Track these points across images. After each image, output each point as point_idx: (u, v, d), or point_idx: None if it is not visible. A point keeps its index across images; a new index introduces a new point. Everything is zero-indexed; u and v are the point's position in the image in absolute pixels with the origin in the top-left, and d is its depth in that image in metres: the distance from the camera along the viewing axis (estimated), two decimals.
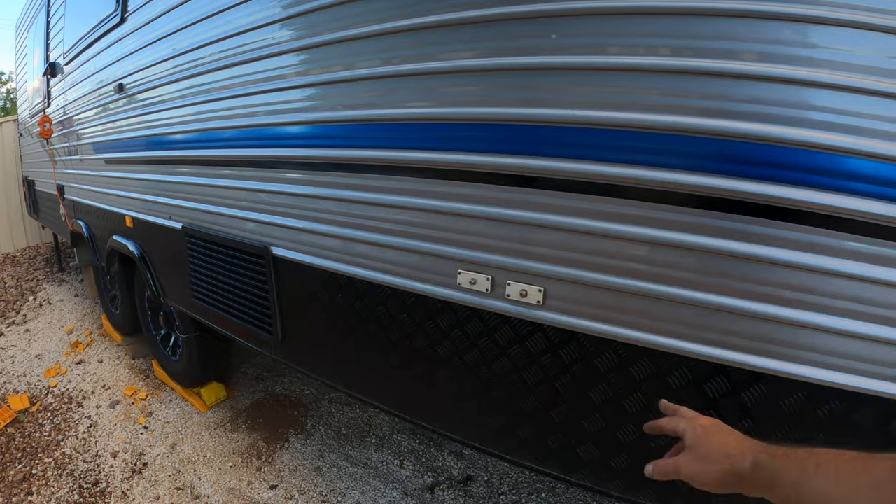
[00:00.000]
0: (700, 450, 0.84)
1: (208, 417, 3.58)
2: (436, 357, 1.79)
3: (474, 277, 1.62)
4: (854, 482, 0.62)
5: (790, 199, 1.20)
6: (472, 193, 1.57)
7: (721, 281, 1.29)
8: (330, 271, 1.99)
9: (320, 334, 2.18)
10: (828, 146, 1.16)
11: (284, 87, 2.08)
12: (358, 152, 1.82)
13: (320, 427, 3.44)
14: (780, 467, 0.71)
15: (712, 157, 1.25)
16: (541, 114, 1.42)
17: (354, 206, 1.86)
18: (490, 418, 1.77)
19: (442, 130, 1.60)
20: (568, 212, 1.42)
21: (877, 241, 1.17)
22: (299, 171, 2.07)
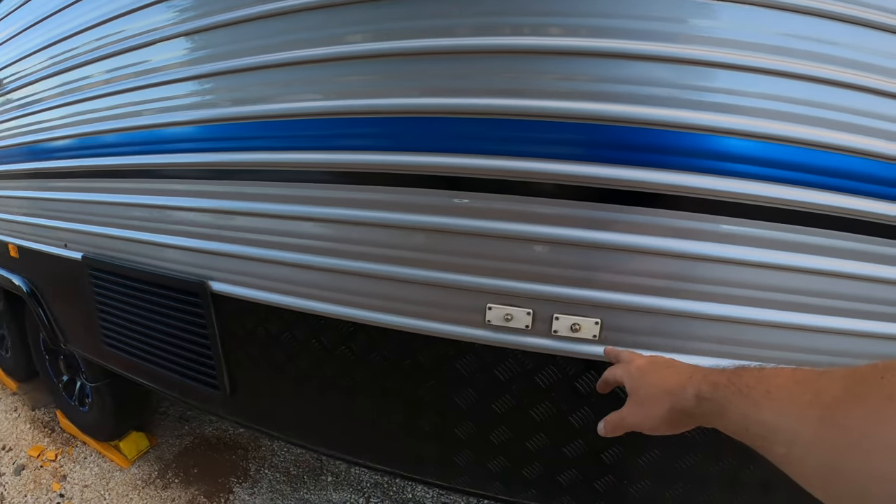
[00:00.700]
0: (639, 393, 0.82)
1: (133, 474, 3.00)
2: (455, 409, 1.47)
3: (510, 312, 1.29)
4: (803, 410, 0.53)
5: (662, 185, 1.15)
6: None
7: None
8: (297, 311, 1.57)
9: (284, 386, 1.77)
10: (692, 125, 1.12)
11: (176, 78, 1.66)
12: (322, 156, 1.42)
13: (266, 470, 2.97)
14: (724, 397, 0.64)
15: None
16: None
17: (336, 227, 1.45)
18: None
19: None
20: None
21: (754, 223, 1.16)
22: (242, 181, 1.62)
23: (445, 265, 1.30)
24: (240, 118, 1.52)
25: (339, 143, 1.36)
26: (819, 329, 1.24)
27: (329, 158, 1.37)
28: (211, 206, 1.66)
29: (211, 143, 1.61)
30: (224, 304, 1.75)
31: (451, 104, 1.22)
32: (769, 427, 0.56)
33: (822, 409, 0.51)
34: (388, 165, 1.30)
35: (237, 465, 3.02)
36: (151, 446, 3.18)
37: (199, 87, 1.63)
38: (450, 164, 1.24)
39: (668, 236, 1.18)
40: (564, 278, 1.24)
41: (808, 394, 0.53)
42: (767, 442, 0.56)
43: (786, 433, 0.53)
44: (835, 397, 0.50)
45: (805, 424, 0.52)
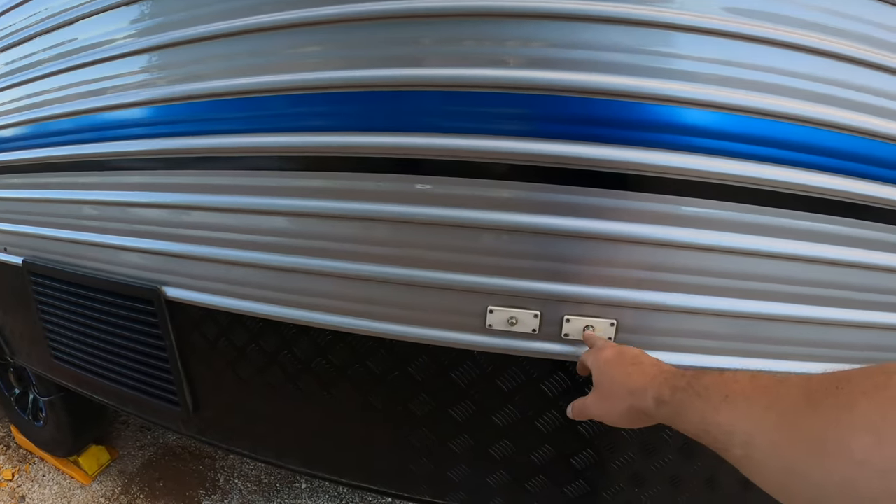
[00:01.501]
0: (603, 386, 0.85)
1: (95, 491, 2.74)
2: (450, 424, 1.29)
3: (515, 315, 1.11)
4: (760, 415, 0.53)
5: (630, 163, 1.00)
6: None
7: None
8: (265, 319, 1.36)
9: (254, 403, 1.56)
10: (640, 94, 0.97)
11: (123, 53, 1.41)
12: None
13: (236, 480, 2.75)
14: (682, 400, 0.65)
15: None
16: None
17: (303, 221, 1.24)
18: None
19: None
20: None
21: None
22: (193, 171, 1.38)
23: (439, 263, 1.11)
24: (191, 97, 1.29)
25: (300, 123, 1.16)
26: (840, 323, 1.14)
27: (290, 141, 1.17)
28: (161, 201, 1.43)
29: (156, 127, 1.38)
30: (181, 313, 1.52)
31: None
32: (726, 430, 0.56)
33: (778, 414, 0.51)
34: (366, 148, 1.10)
35: (205, 476, 2.79)
36: (113, 459, 2.93)
37: (143, 64, 1.39)
38: (453, 146, 1.05)
39: (699, 227, 1.04)
40: (576, 275, 1.08)
41: (766, 399, 0.54)
42: (724, 444, 0.56)
43: (742, 436, 0.54)
44: (792, 404, 0.51)
45: (761, 429, 0.52)
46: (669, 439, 1.22)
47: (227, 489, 2.70)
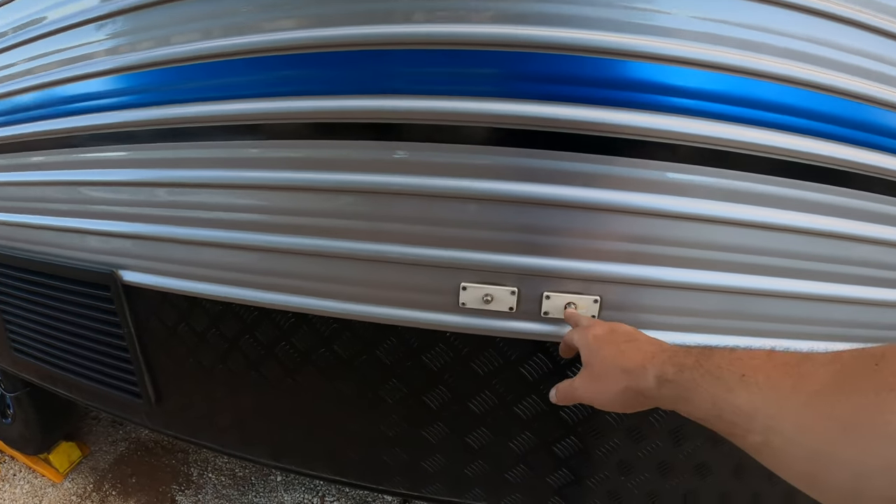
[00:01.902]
0: (594, 367, 0.77)
1: (67, 489, 2.62)
2: (423, 411, 1.20)
3: (490, 292, 1.01)
4: (785, 396, 0.48)
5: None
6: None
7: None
8: (224, 302, 1.26)
9: (217, 392, 1.45)
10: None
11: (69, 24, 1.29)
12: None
13: (209, 474, 2.64)
14: (691, 380, 0.57)
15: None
16: None
17: (262, 195, 1.13)
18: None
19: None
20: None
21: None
22: (145, 144, 1.25)
23: (407, 237, 1.01)
24: (145, 65, 1.18)
25: (257, 89, 1.05)
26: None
27: (248, 108, 1.06)
28: (115, 179, 1.32)
29: (108, 100, 1.27)
30: (139, 298, 1.42)
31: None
32: (744, 413, 0.50)
33: (807, 396, 0.46)
34: (330, 112, 1.00)
35: (178, 471, 2.69)
36: (84, 456, 2.81)
37: (90, 34, 1.27)
38: (423, 109, 0.95)
39: (690, 195, 0.95)
40: (557, 248, 0.99)
41: (790, 379, 0.49)
42: (741, 429, 0.51)
43: (763, 420, 0.49)
44: (823, 384, 0.45)
45: (786, 412, 0.47)
46: (657, 423, 1.14)
47: (201, 484, 2.60)
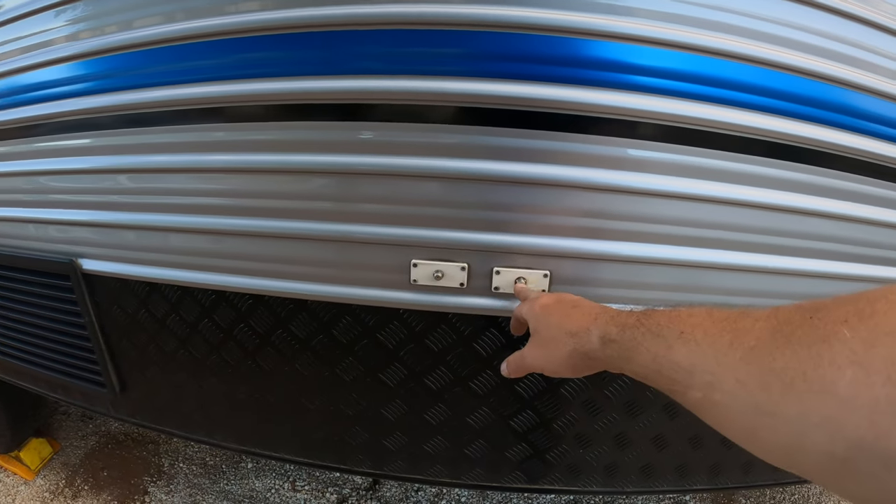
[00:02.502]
0: (541, 334, 0.78)
1: (40, 486, 2.58)
2: (381, 389, 1.21)
3: (440, 268, 1.02)
4: (723, 352, 0.47)
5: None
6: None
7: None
8: (181, 286, 1.26)
9: (180, 378, 1.44)
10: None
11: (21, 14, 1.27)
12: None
13: (181, 464, 2.62)
14: (633, 338, 0.58)
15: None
16: None
17: (213, 178, 1.12)
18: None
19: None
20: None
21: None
22: (103, 131, 1.23)
23: (357, 215, 1.02)
24: (103, 51, 1.17)
25: (222, 72, 1.05)
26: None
27: (213, 91, 1.05)
28: (71, 167, 1.31)
29: (64, 87, 1.26)
30: (99, 286, 1.41)
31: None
32: (684, 369, 0.50)
33: (745, 351, 0.45)
34: (277, 95, 0.99)
35: (149, 462, 2.67)
36: (55, 452, 2.78)
37: (44, 21, 1.25)
38: (357, 89, 0.95)
39: (640, 170, 0.96)
40: (506, 224, 0.99)
41: (728, 334, 0.48)
42: (682, 386, 0.51)
43: (703, 376, 0.48)
44: (760, 339, 0.44)
45: (725, 367, 0.46)
46: (613, 397, 1.16)
47: (173, 474, 2.59)
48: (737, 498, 2.32)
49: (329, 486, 2.42)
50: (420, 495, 2.35)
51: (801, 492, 2.33)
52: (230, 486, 2.47)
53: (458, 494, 2.36)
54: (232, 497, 2.40)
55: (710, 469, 1.32)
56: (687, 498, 2.30)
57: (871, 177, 1.03)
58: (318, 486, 2.44)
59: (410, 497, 2.36)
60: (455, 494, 2.36)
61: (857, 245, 1.09)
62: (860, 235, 1.08)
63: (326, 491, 2.40)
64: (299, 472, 2.49)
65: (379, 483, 2.41)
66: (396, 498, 2.36)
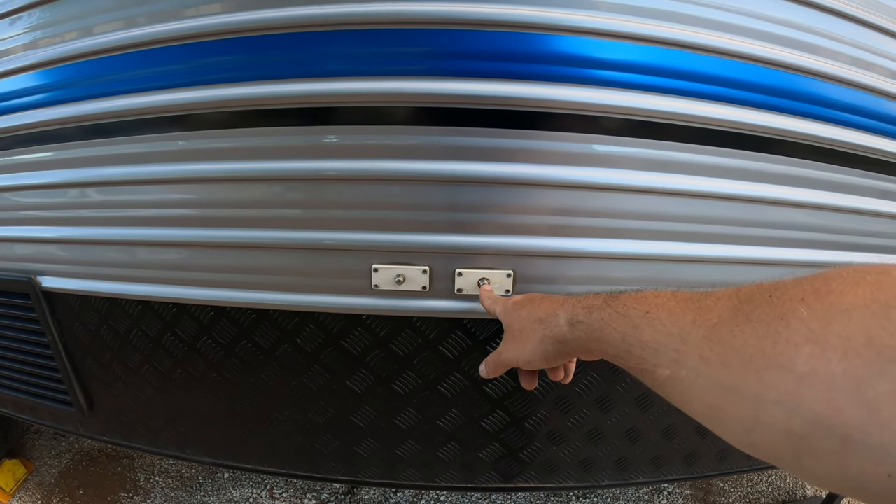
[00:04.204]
0: (513, 327, 0.78)
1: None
2: (349, 396, 1.18)
3: (401, 272, 1.00)
4: (687, 330, 0.48)
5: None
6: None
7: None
8: (141, 300, 1.22)
9: (146, 393, 1.40)
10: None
11: None
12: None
13: (157, 478, 2.57)
14: (600, 319, 0.59)
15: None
16: None
17: (169, 188, 1.09)
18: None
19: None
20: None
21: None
22: (60, 144, 1.19)
23: (313, 222, 0.99)
24: (61, 59, 1.12)
25: (181, 79, 1.01)
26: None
27: (173, 98, 1.01)
28: (31, 183, 1.26)
29: (19, 100, 1.22)
30: (60, 303, 1.37)
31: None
32: (651, 348, 0.51)
33: (707, 328, 0.46)
34: (241, 100, 0.97)
35: (125, 478, 2.62)
36: (29, 473, 2.71)
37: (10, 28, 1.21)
38: (316, 92, 0.93)
39: (601, 166, 0.95)
40: (466, 224, 0.98)
41: (691, 313, 0.49)
42: (650, 364, 0.51)
43: (669, 354, 0.49)
44: (721, 317, 0.45)
45: (689, 345, 0.47)
46: (583, 393, 1.15)
47: (149, 488, 2.54)
48: (715, 483, 2.32)
49: (307, 493, 2.39)
50: (399, 496, 2.34)
51: (778, 473, 2.35)
52: (207, 498, 2.43)
53: (436, 494, 2.34)
54: None
55: (686, 459, 1.32)
56: (665, 485, 2.31)
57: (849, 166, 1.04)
58: (296, 492, 2.41)
59: (389, 499, 2.35)
60: (434, 494, 2.35)
61: (826, 232, 1.08)
62: (831, 223, 1.08)
63: (304, 497, 2.37)
64: (276, 480, 2.46)
65: (357, 487, 2.39)
66: (375, 501, 2.35)
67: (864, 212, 1.09)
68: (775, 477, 2.35)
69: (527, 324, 0.74)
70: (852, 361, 0.34)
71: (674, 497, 2.27)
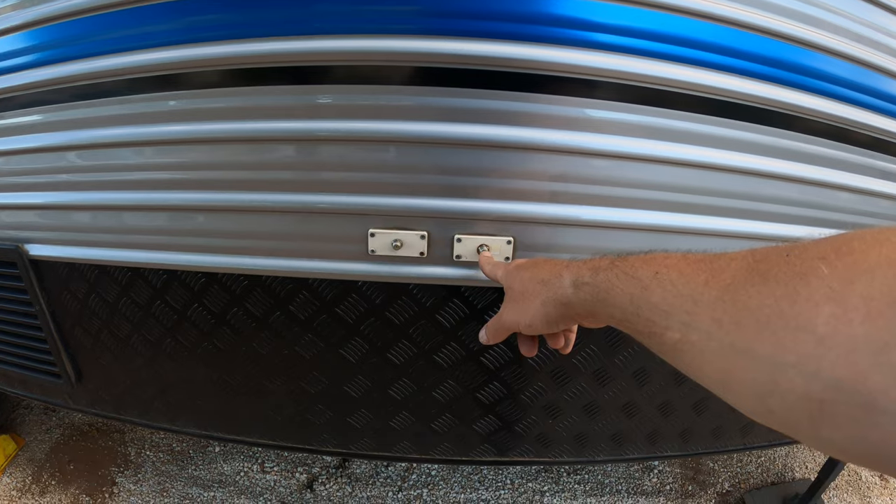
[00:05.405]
0: (514, 289, 0.75)
1: (7, 484, 2.47)
2: (342, 366, 1.15)
3: (399, 237, 0.96)
4: (699, 291, 0.45)
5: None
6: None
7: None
8: (130, 267, 1.18)
9: (136, 363, 1.36)
10: None
11: None
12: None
13: (147, 452, 2.54)
14: (606, 280, 0.56)
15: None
16: None
17: (160, 150, 1.04)
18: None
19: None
20: None
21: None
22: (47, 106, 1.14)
23: (307, 184, 0.95)
24: (48, 19, 1.07)
25: (172, 37, 0.97)
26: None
27: (163, 57, 0.97)
28: (17, 147, 1.22)
29: (6, 62, 1.17)
30: (48, 272, 1.32)
31: None
32: (661, 310, 0.48)
33: (720, 289, 0.43)
34: (231, 58, 0.92)
35: (115, 452, 2.59)
36: (20, 448, 2.68)
37: None
38: (312, 50, 0.89)
39: (606, 132, 0.91)
40: (466, 189, 0.94)
41: (703, 274, 0.46)
42: (659, 327, 0.48)
43: (680, 316, 0.46)
44: (735, 277, 0.42)
45: (702, 306, 0.44)
46: (581, 366, 1.12)
47: (140, 462, 2.51)
48: (705, 462, 2.31)
49: (298, 466, 2.37)
50: (390, 470, 2.32)
51: (768, 454, 2.34)
52: (198, 472, 2.41)
53: (428, 468, 2.33)
54: (200, 482, 2.34)
55: (681, 435, 1.29)
56: (656, 463, 2.29)
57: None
58: (288, 466, 2.39)
59: (381, 473, 2.33)
60: (425, 468, 2.33)
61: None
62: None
63: (296, 471, 2.35)
64: (268, 453, 2.44)
65: (349, 461, 2.36)
66: (367, 474, 2.32)
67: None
68: (765, 458, 2.35)
69: (529, 285, 0.71)
70: (876, 322, 0.31)
71: (664, 476, 2.26)
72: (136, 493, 2.32)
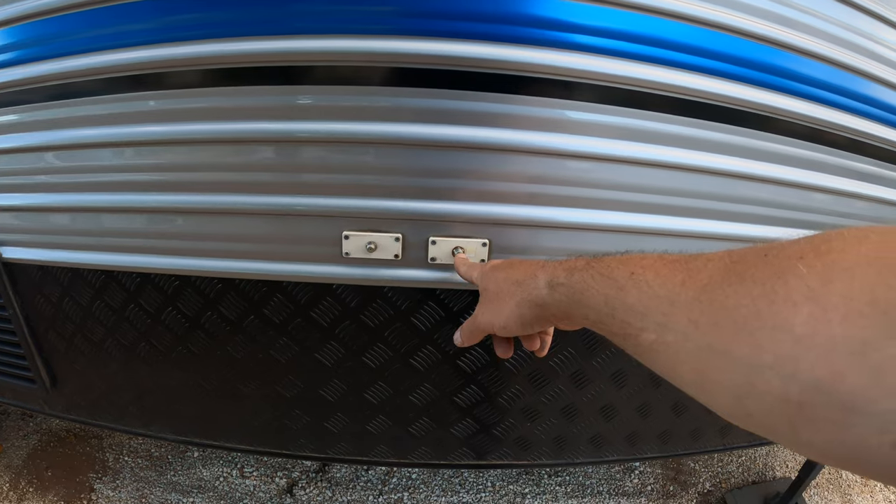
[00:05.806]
0: (489, 290, 0.73)
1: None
2: (318, 370, 1.13)
3: (373, 239, 0.95)
4: (675, 292, 0.44)
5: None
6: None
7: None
8: (103, 270, 1.16)
9: (111, 368, 1.34)
10: None
11: None
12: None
13: (126, 458, 2.51)
14: (582, 280, 0.55)
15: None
16: None
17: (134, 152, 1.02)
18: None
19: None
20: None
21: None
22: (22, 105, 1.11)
23: (281, 186, 0.94)
24: (23, 17, 1.05)
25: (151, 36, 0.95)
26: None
27: (143, 56, 0.95)
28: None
29: None
30: (21, 275, 1.30)
31: None
32: (637, 311, 0.47)
33: (697, 290, 0.42)
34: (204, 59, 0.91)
35: (93, 458, 2.55)
36: None
37: None
38: (286, 50, 0.87)
39: (582, 133, 0.91)
40: (441, 191, 0.94)
41: (680, 274, 0.45)
42: (634, 329, 0.47)
43: (656, 317, 0.45)
44: (712, 277, 0.42)
45: (679, 307, 0.43)
46: (558, 369, 1.11)
47: (118, 468, 2.48)
48: (686, 462, 2.32)
49: (278, 471, 2.35)
50: (371, 474, 2.30)
51: (749, 454, 2.35)
52: (177, 477, 2.38)
53: (408, 472, 2.32)
54: (179, 488, 2.32)
55: (660, 437, 1.29)
56: (637, 464, 2.29)
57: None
58: (267, 471, 2.37)
59: (361, 477, 2.31)
60: (406, 472, 2.32)
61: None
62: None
63: (275, 475, 2.33)
64: (247, 458, 2.42)
65: (328, 465, 2.35)
66: (347, 478, 2.31)
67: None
68: (745, 458, 2.35)
69: (504, 286, 0.70)
70: (855, 322, 0.31)
71: (645, 476, 2.26)
72: (115, 499, 2.29)
